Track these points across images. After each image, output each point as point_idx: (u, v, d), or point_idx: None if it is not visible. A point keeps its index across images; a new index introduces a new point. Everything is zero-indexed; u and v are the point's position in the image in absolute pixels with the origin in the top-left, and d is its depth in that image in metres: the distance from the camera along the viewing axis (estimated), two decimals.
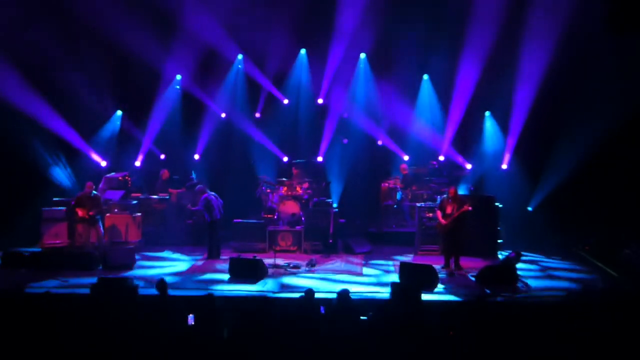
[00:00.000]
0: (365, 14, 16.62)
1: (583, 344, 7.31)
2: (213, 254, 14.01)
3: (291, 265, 13.04)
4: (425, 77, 18.04)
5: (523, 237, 15.09)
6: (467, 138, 17.66)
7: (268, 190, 16.17)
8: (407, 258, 13.84)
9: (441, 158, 17.46)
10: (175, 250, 14.86)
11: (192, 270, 12.92)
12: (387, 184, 16.84)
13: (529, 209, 16.66)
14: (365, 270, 13.02)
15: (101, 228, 13.99)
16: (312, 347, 7.33)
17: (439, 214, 13.00)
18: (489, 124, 17.76)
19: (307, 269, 12.93)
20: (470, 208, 12.56)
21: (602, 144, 15.37)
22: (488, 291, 11.47)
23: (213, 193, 14.20)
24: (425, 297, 10.02)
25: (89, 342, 7.40)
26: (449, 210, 12.76)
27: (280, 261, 13.26)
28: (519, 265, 12.47)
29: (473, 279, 11.92)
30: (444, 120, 17.67)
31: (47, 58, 15.80)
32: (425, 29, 16.55)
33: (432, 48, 16.87)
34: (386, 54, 17.50)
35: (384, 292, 10.79)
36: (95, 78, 16.88)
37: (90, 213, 13.63)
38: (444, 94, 17.65)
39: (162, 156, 18.16)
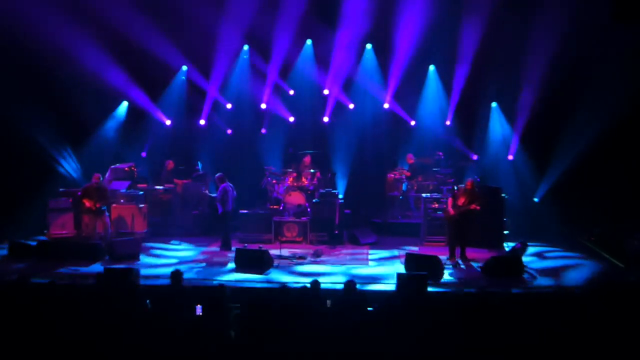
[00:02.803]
0: (370, 1, 16.57)
1: (588, 335, 7.31)
2: (226, 245, 13.93)
3: (297, 256, 13.05)
4: (432, 67, 17.96)
5: (529, 228, 15.06)
6: (474, 129, 17.58)
7: (274, 181, 16.17)
8: (413, 249, 13.81)
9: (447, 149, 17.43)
10: (181, 241, 14.90)
11: (202, 260, 12.96)
12: (392, 175, 16.81)
13: (535, 199, 16.61)
14: (371, 261, 13.02)
15: (107, 219, 14.00)
16: (318, 337, 7.33)
17: (450, 201, 12.96)
18: (496, 115, 17.67)
19: (312, 259, 12.95)
20: (478, 208, 12.51)
21: (608, 134, 15.31)
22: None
23: (230, 184, 14.17)
24: (430, 287, 10.06)
25: (93, 333, 7.43)
26: (460, 202, 12.72)
27: (285, 252, 13.27)
28: (525, 256, 12.48)
29: (479, 269, 11.92)
30: (449, 111, 17.61)
31: (51, 42, 15.75)
32: (430, 17, 16.41)
33: (437, 38, 16.75)
34: (391, 44, 17.37)
35: (390, 283, 10.81)
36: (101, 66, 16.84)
37: (97, 205, 13.66)
38: (449, 85, 17.57)
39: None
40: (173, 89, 18.11)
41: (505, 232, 14.29)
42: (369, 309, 8.28)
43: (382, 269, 12.24)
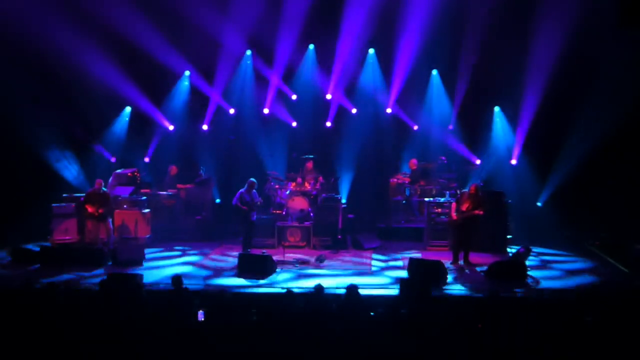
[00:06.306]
0: (372, 7, 16.59)
1: (590, 340, 7.29)
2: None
3: (300, 261, 13.04)
4: (434, 72, 17.95)
5: (532, 233, 15.03)
6: (476, 133, 17.56)
7: (277, 186, 16.17)
8: (416, 254, 13.78)
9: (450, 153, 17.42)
10: (184, 246, 14.87)
11: (208, 265, 12.99)
12: (395, 180, 16.79)
13: (539, 204, 16.58)
14: (374, 266, 13.00)
15: (110, 224, 14.02)
16: (321, 342, 7.32)
17: (453, 206, 12.95)
18: (499, 119, 17.65)
19: (316, 264, 12.93)
20: (481, 213, 12.51)
21: (612, 138, 15.28)
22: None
23: None
24: (434, 292, 10.04)
25: (97, 338, 7.43)
26: (464, 207, 12.70)
27: (289, 257, 13.25)
28: (528, 261, 12.44)
29: (482, 274, 11.89)
30: (452, 115, 17.60)
31: (56, 48, 15.80)
32: (433, 22, 16.39)
33: (440, 43, 16.74)
34: (394, 48, 17.38)
35: (393, 288, 10.79)
36: (106, 72, 16.87)
37: (100, 211, 13.67)
38: (452, 89, 17.56)
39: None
40: (176, 94, 18.15)
41: (509, 236, 14.25)
42: (371, 313, 8.26)
43: (385, 274, 12.22)
